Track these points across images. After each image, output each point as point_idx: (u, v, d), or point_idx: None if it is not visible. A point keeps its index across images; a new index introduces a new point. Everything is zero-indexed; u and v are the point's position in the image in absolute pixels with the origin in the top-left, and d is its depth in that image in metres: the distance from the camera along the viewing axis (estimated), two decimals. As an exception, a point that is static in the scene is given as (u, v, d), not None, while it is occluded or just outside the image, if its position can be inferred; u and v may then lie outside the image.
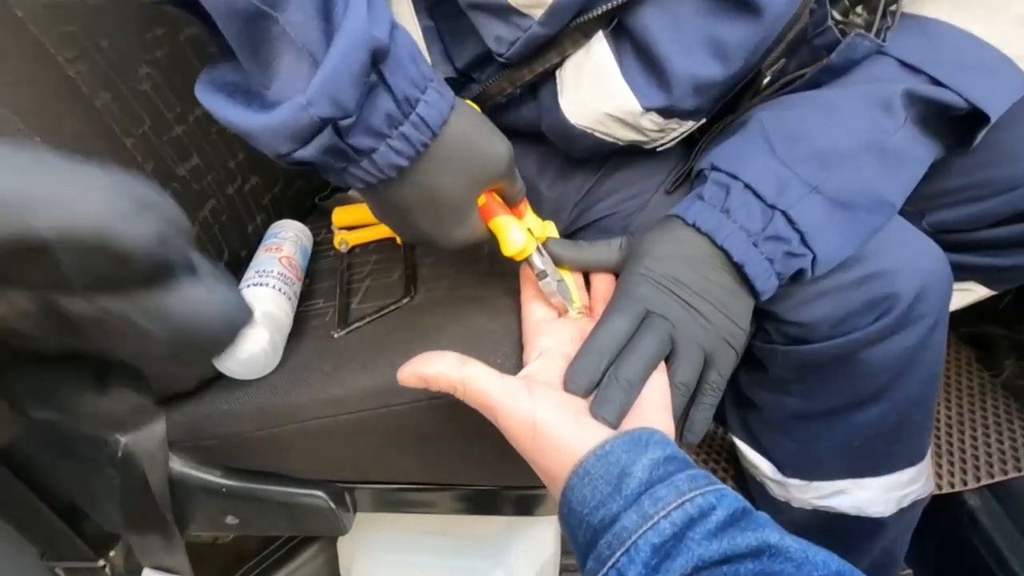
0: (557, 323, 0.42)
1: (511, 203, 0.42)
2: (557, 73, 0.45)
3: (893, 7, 0.41)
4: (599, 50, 0.42)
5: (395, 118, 0.32)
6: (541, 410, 0.33)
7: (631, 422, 0.35)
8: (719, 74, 0.40)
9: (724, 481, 0.78)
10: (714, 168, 0.42)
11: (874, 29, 0.41)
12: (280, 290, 0.49)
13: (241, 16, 0.28)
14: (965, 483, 0.76)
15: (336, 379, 0.43)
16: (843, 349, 0.44)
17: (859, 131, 0.41)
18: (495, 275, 0.51)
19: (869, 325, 0.43)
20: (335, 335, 0.47)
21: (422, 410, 0.42)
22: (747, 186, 0.40)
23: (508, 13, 0.41)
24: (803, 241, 0.39)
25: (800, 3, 0.38)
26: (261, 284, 0.48)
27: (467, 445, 0.45)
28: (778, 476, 0.56)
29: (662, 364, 0.39)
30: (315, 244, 0.64)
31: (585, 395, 0.37)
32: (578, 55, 0.43)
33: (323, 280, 0.58)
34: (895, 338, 0.43)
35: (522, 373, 0.38)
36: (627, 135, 0.45)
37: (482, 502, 0.55)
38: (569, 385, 0.37)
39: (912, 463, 0.51)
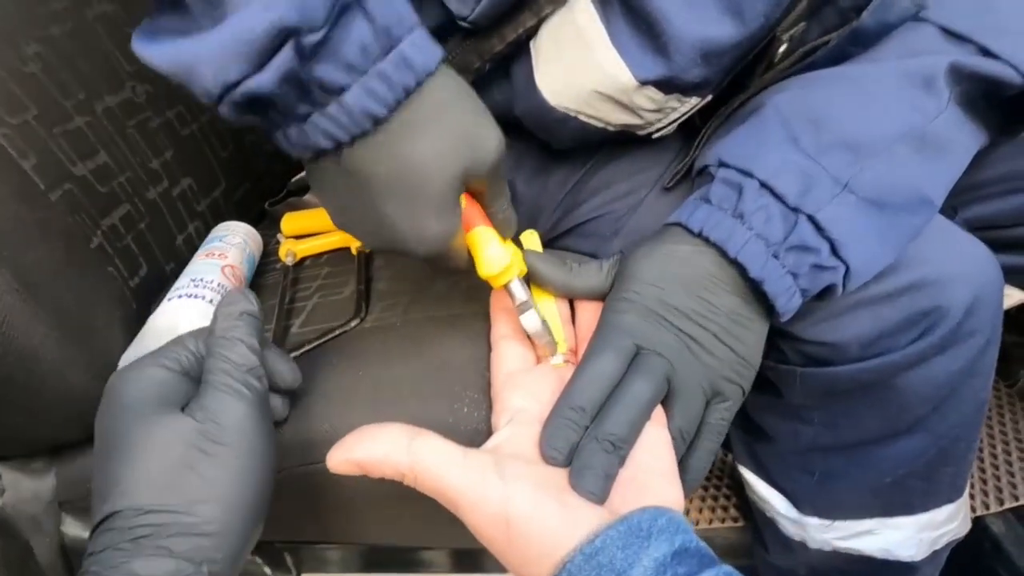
0: (534, 374, 0.34)
1: (489, 216, 0.34)
2: (531, 44, 0.37)
3: None
4: (582, 11, 0.35)
5: (371, 50, 0.25)
6: (516, 497, 0.26)
7: (628, 497, 0.28)
8: (732, 36, 0.33)
9: (726, 511, 0.71)
10: (722, 164, 0.35)
11: (913, -13, 0.34)
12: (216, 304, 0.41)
13: None
14: (987, 507, 0.69)
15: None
16: (876, 373, 0.37)
17: (895, 115, 0.34)
18: (462, 290, 0.43)
19: (909, 345, 0.36)
20: (265, 367, 0.39)
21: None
22: (763, 184, 0.33)
23: None
24: (834, 251, 0.32)
25: None
26: (194, 296, 0.40)
27: (427, 506, 0.37)
28: (793, 513, 0.49)
29: (662, 416, 0.32)
30: (262, 256, 0.56)
31: (567, 464, 0.29)
32: (555, 20, 0.35)
33: (265, 297, 0.50)
34: (939, 360, 0.36)
35: (488, 444, 0.31)
36: (618, 117, 0.38)
37: (464, 559, 0.47)
38: (546, 451, 0.29)
39: (950, 500, 0.44)
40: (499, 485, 0.26)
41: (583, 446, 0.29)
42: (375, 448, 0.27)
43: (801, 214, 0.32)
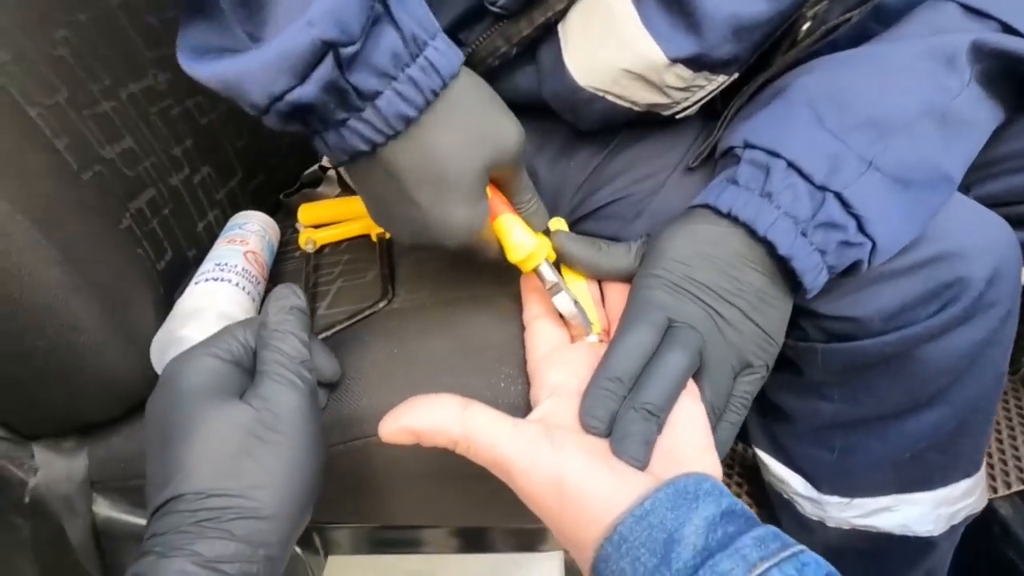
0: (570, 351, 0.35)
1: (523, 213, 0.36)
2: (559, 27, 0.38)
3: None
4: None
5: (401, 57, 0.28)
6: (568, 463, 0.26)
7: (670, 468, 0.28)
8: (764, 12, 0.34)
9: (738, 496, 0.72)
10: (748, 145, 0.35)
11: (934, -35, 0.35)
12: (243, 288, 0.41)
13: None
14: (995, 490, 0.71)
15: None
16: (898, 346, 0.38)
17: (918, 93, 0.34)
18: (488, 270, 0.44)
19: (931, 317, 0.36)
20: (296, 346, 0.40)
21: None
22: (791, 164, 0.33)
23: None
24: (860, 228, 0.33)
25: None
26: (220, 279, 0.40)
27: (462, 484, 0.37)
28: (812, 493, 0.49)
29: (696, 390, 0.33)
30: (280, 245, 0.56)
31: (607, 433, 0.30)
32: (585, 2, 0.36)
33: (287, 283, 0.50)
34: (960, 331, 0.37)
35: (532, 417, 0.31)
36: (646, 96, 0.39)
37: (476, 539, 0.47)
38: (586, 420, 0.30)
39: (968, 475, 0.45)
40: (551, 451, 0.27)
41: (622, 415, 0.30)
42: (429, 416, 0.27)
43: (828, 192, 0.33)
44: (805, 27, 0.36)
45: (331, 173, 0.73)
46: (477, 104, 0.31)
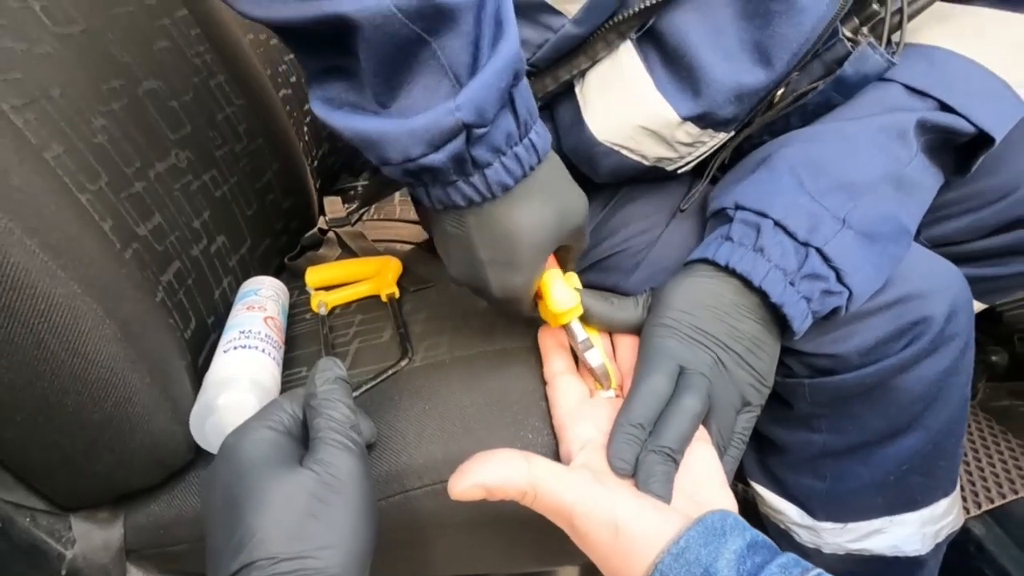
0: (592, 406, 0.38)
1: (563, 264, 0.40)
2: (577, 89, 0.43)
3: (896, 36, 0.42)
4: (627, 59, 0.41)
5: (513, 138, 0.32)
6: (621, 504, 0.29)
7: (694, 507, 0.31)
8: (762, 81, 0.40)
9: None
10: (739, 207, 0.41)
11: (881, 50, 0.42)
12: (269, 354, 0.43)
13: (396, 42, 0.27)
14: (968, 511, 0.75)
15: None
16: (875, 378, 0.42)
17: (878, 162, 0.40)
18: (497, 327, 0.47)
19: (902, 350, 0.41)
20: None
21: (440, 493, 0.37)
22: (777, 224, 0.39)
23: (539, 12, 0.39)
24: (839, 279, 0.38)
25: (840, 2, 0.38)
26: (247, 347, 0.42)
27: (490, 533, 0.39)
28: (807, 521, 0.53)
29: (705, 432, 0.36)
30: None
31: (633, 474, 0.33)
32: (603, 66, 0.41)
33: (303, 346, 0.52)
34: (927, 362, 0.42)
35: (575, 465, 0.34)
36: (657, 151, 0.44)
37: None
38: (615, 463, 0.33)
39: (946, 494, 0.49)
40: (605, 494, 0.29)
41: (643, 459, 0.33)
42: (500, 472, 0.29)
43: (811, 248, 0.38)
44: (780, 92, 0.43)
45: (330, 235, 0.76)
46: (554, 183, 0.35)
